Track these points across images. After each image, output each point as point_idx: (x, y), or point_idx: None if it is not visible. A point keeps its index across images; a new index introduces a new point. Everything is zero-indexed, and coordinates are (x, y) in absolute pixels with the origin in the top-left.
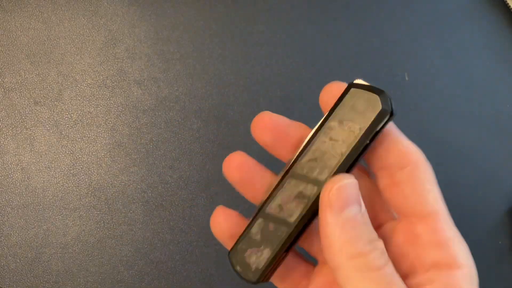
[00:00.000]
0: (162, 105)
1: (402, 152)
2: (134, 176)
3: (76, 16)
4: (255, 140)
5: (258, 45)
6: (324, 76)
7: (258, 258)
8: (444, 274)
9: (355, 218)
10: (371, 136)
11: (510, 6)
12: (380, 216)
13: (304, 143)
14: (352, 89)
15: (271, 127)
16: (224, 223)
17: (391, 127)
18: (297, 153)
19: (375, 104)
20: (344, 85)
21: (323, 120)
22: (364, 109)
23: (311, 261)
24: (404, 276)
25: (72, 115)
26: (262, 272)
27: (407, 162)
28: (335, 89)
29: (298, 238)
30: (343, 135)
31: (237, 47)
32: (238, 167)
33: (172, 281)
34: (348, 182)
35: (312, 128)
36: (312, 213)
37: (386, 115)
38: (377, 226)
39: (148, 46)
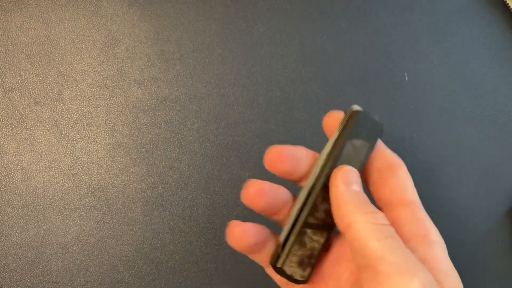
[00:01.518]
0: (162, 105)
1: (388, 158)
2: (134, 176)
3: (76, 16)
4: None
5: (258, 45)
6: (324, 76)
7: (307, 261)
8: (422, 244)
9: (360, 193)
10: (374, 147)
11: (510, 6)
12: None
13: (320, 164)
14: (353, 114)
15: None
16: (242, 234)
17: (379, 141)
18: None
19: (374, 125)
20: (341, 113)
21: (334, 142)
22: (367, 129)
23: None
24: None
25: (72, 115)
26: (310, 271)
27: (392, 165)
28: (336, 115)
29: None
30: (354, 151)
31: (237, 47)
32: (258, 195)
33: (172, 281)
34: (351, 169)
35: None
36: None
37: (381, 131)
38: None
39: (148, 46)
